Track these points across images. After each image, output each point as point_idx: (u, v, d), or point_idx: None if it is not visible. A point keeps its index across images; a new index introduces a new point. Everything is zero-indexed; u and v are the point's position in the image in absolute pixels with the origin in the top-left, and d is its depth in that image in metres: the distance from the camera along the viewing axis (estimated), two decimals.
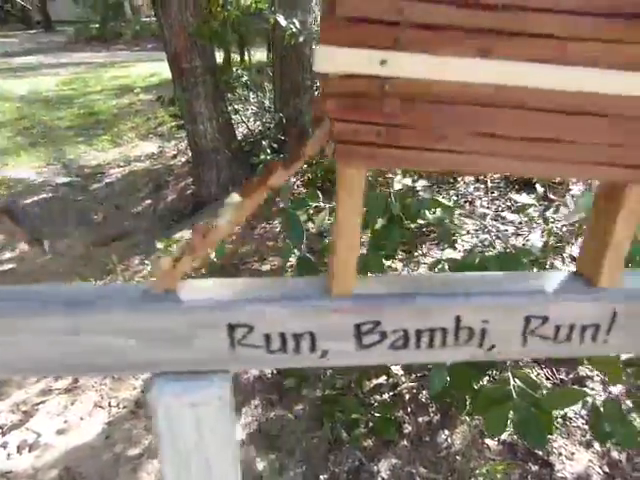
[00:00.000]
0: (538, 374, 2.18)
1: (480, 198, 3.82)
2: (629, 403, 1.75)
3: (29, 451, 1.99)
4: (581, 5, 0.42)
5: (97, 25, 18.30)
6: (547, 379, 2.16)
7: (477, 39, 0.42)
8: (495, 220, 3.14)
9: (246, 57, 7.28)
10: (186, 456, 0.58)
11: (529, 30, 0.42)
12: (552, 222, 2.69)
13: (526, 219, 2.67)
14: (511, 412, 1.28)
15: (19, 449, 2.00)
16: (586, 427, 1.94)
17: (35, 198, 4.36)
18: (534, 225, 2.52)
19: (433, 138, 0.47)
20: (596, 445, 1.88)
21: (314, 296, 0.56)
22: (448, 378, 1.44)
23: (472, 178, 4.16)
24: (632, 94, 0.46)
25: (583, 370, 2.19)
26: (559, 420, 1.97)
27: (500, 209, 3.31)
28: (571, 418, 1.98)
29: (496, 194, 3.54)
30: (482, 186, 4.02)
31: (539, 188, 2.29)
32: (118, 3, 18.38)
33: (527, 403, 1.26)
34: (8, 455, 1.98)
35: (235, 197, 0.52)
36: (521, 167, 0.50)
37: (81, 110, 7.72)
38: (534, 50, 0.43)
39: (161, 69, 10.98)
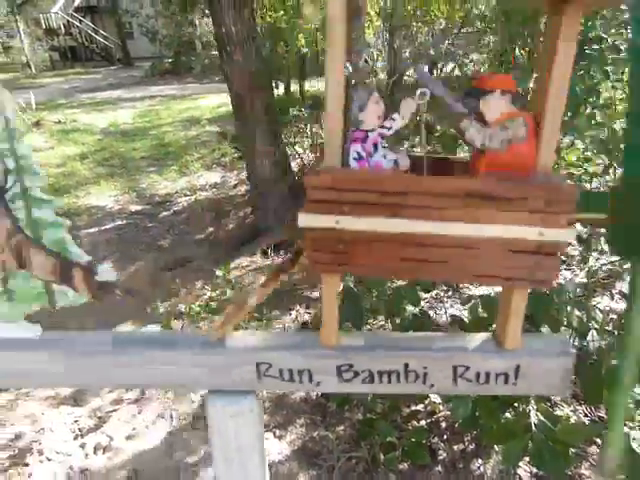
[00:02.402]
0: (576, 410, 2.21)
1: None
2: None
3: (103, 452, 2.27)
4: (444, 190, 0.65)
5: (171, 59, 19.77)
6: (585, 416, 2.18)
7: (388, 209, 0.67)
8: None
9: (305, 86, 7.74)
10: (229, 455, 0.83)
11: (415, 204, 0.66)
12: (597, 259, 2.70)
13: (564, 258, 2.70)
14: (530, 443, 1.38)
15: (95, 450, 2.29)
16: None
17: (112, 225, 4.85)
18: (573, 264, 2.54)
19: (370, 259, 0.71)
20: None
21: (311, 347, 0.81)
22: (475, 409, 1.56)
23: None
24: (480, 235, 0.68)
25: None
26: (594, 457, 2.00)
27: None
28: None
29: None
30: None
31: (579, 227, 2.34)
32: (190, 40, 19.78)
33: (544, 435, 1.36)
34: (86, 455, 2.27)
35: (258, 285, 0.79)
36: (428, 274, 0.74)
37: (153, 141, 8.40)
38: (420, 213, 0.67)
39: (227, 101, 11.74)
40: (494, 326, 1.03)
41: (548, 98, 0.62)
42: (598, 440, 2.05)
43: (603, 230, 2.70)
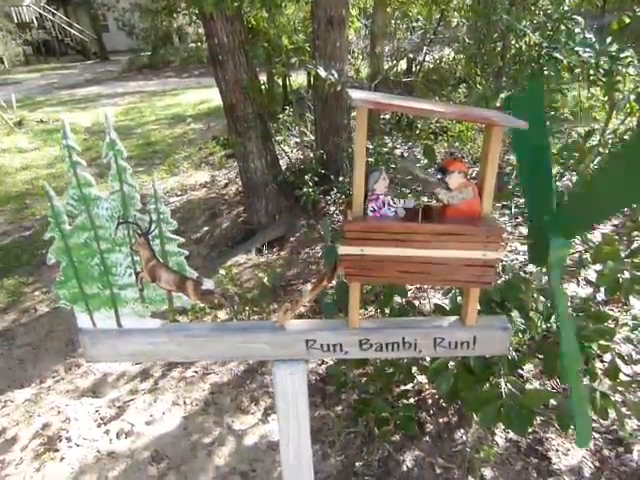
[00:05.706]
0: (545, 384, 2.53)
1: (505, 223, 4.17)
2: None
3: (126, 437, 2.52)
4: (425, 231, 0.98)
5: (149, 53, 19.58)
6: (552, 389, 2.51)
7: (392, 242, 0.99)
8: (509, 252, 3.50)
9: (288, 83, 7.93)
10: (287, 400, 1.16)
11: (408, 239, 0.98)
12: None
13: None
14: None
15: (118, 435, 2.53)
16: None
17: None
18: None
19: (382, 272, 1.03)
20: (590, 444, 2.22)
21: (342, 328, 1.14)
22: (456, 384, 1.85)
23: (498, 204, 4.51)
24: (448, 256, 1.01)
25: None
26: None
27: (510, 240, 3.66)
28: None
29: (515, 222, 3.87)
30: (507, 212, 4.36)
31: None
32: (167, 33, 19.63)
33: (512, 401, 1.65)
34: (110, 440, 2.51)
35: (307, 288, 1.05)
36: (416, 280, 1.09)
37: (139, 140, 8.49)
38: (412, 244, 0.99)
39: (209, 96, 11.81)
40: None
41: (485, 176, 0.98)
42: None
43: None
